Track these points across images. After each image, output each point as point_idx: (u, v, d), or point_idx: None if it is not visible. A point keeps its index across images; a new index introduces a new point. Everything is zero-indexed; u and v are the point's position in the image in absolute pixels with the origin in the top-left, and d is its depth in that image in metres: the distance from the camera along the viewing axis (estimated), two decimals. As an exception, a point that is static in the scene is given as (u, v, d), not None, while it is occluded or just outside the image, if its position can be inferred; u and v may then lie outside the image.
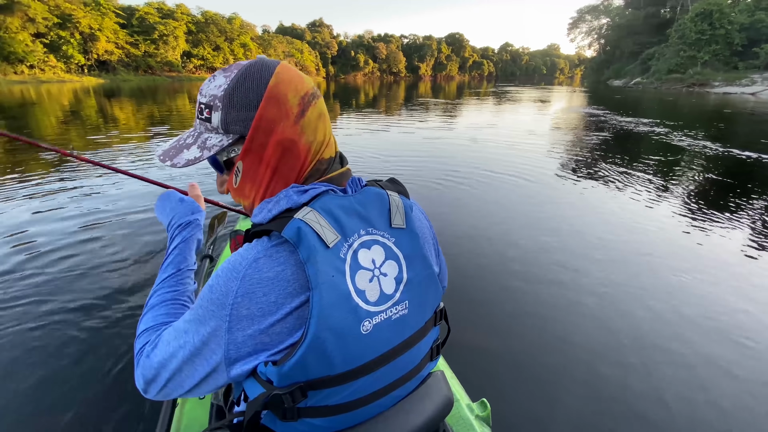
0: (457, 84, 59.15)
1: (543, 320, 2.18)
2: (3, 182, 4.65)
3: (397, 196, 0.59)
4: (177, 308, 0.63)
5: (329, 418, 0.54)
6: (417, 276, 0.57)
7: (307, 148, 0.55)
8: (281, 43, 65.44)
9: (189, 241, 0.71)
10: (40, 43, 32.90)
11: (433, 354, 0.64)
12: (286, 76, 0.54)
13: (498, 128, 10.70)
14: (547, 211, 4.05)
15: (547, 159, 6.75)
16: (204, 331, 0.49)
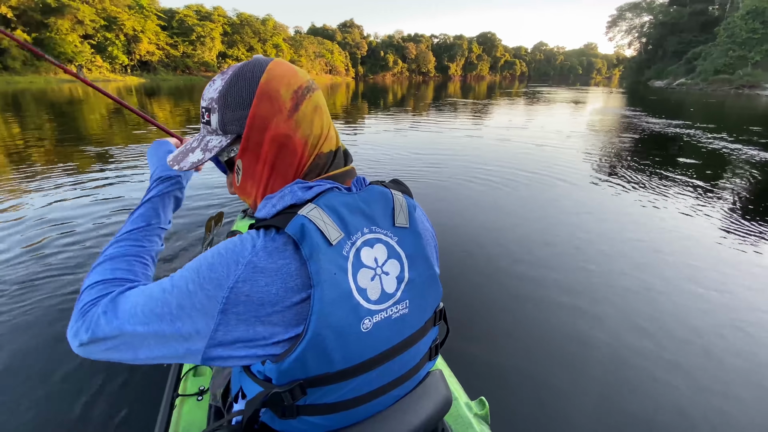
0: (488, 84, 58.11)
1: (542, 320, 2.19)
2: (52, 172, 4.96)
3: (401, 195, 0.59)
4: (138, 266, 0.59)
5: (328, 416, 0.53)
6: (418, 276, 0.57)
7: (303, 142, 0.55)
8: (312, 43, 66.42)
9: (165, 197, 0.68)
10: (88, 44, 34.87)
11: (432, 353, 0.64)
12: (278, 72, 0.54)
13: (528, 129, 10.41)
14: (565, 211, 3.97)
15: (577, 161, 6.50)
16: (191, 306, 0.46)
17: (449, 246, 3.11)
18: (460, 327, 2.05)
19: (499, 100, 22.17)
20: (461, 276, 2.67)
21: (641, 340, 2.03)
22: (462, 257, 2.97)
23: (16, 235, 3.18)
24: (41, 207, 3.82)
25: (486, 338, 2.03)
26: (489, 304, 2.35)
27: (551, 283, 2.58)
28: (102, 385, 1.64)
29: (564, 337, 2.03)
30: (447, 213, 3.96)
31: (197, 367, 1.20)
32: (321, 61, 67.90)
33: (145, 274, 0.59)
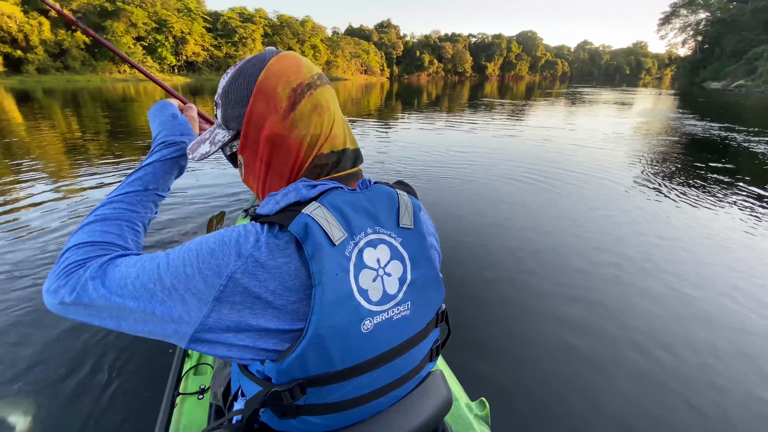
0: (527, 84, 56.42)
1: (543, 322, 2.18)
2: (102, 166, 5.26)
3: (406, 196, 0.58)
4: (129, 233, 0.57)
5: (328, 416, 0.53)
6: (421, 277, 0.57)
7: (298, 142, 0.53)
8: (349, 44, 67.14)
9: (166, 163, 0.65)
10: (140, 46, 37.05)
11: (433, 355, 0.64)
12: (277, 69, 0.53)
13: (566, 131, 9.98)
14: (586, 215, 3.88)
15: (616, 164, 6.17)
16: (186, 288, 0.45)
17: (457, 244, 3.13)
18: (462, 328, 2.07)
19: (537, 101, 21.42)
20: (466, 276, 2.67)
21: (649, 348, 1.99)
22: (466, 256, 2.96)
23: (69, 216, 3.51)
24: (93, 189, 4.25)
25: (488, 340, 2.03)
26: (492, 306, 2.35)
27: (557, 286, 2.55)
28: (103, 383, 1.64)
29: (566, 341, 2.02)
30: (457, 211, 3.95)
31: (198, 366, 1.20)
32: (357, 62, 68.52)
33: (136, 242, 0.57)
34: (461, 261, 2.91)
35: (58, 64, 31.89)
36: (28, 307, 2.22)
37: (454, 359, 1.48)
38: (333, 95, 0.58)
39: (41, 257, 2.80)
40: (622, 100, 24.31)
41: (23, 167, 5.26)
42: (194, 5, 42.92)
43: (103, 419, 1.47)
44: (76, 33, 32.37)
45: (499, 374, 1.78)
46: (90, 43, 33.22)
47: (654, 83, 77.54)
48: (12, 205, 3.85)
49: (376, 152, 6.87)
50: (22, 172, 4.99)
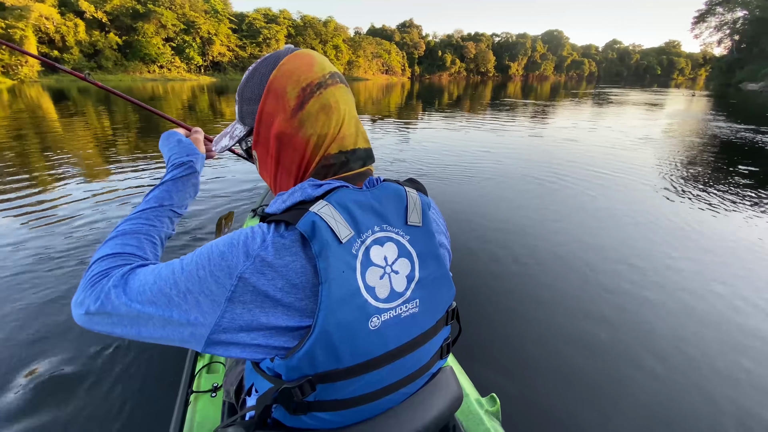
0: (551, 84, 55.22)
1: (556, 320, 2.17)
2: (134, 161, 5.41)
3: (415, 193, 0.57)
4: (148, 245, 0.60)
5: (338, 412, 0.53)
6: (430, 275, 0.57)
7: (305, 141, 0.55)
8: (370, 44, 67.28)
9: (179, 181, 0.69)
10: (169, 47, 38.18)
11: (443, 352, 0.64)
12: (288, 68, 0.54)
13: (593, 132, 9.66)
14: (597, 216, 3.83)
15: (645, 169, 5.92)
16: (200, 291, 0.47)
17: (473, 241, 3.18)
18: (473, 324, 2.08)
19: (562, 102, 20.89)
20: (480, 272, 2.68)
21: (665, 354, 1.96)
22: (481, 253, 2.97)
23: (100, 207, 3.74)
24: (121, 182, 4.50)
25: (499, 336, 2.03)
26: (505, 303, 2.35)
27: (572, 286, 2.54)
28: (119, 383, 1.66)
29: (579, 340, 2.01)
30: (473, 209, 3.95)
31: (211, 365, 1.22)
32: (378, 62, 68.60)
33: (154, 254, 0.61)
34: (476, 258, 2.91)
35: (92, 64, 33.22)
36: (50, 302, 2.25)
37: (464, 355, 1.49)
38: (345, 95, 0.58)
39: (68, 248, 2.89)
40: (652, 101, 23.43)
41: (58, 161, 5.55)
42: (221, 7, 43.92)
43: (120, 417, 1.50)
44: (109, 34, 33.66)
45: (510, 370, 1.78)
46: (122, 44, 34.50)
47: (687, 84, 74.32)
48: (45, 195, 4.06)
49: (396, 151, 6.83)
50: (56, 166, 5.26)
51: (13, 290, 2.38)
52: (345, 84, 0.59)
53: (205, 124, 10.03)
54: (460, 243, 3.16)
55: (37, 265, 2.66)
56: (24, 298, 2.29)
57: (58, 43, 30.90)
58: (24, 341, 1.93)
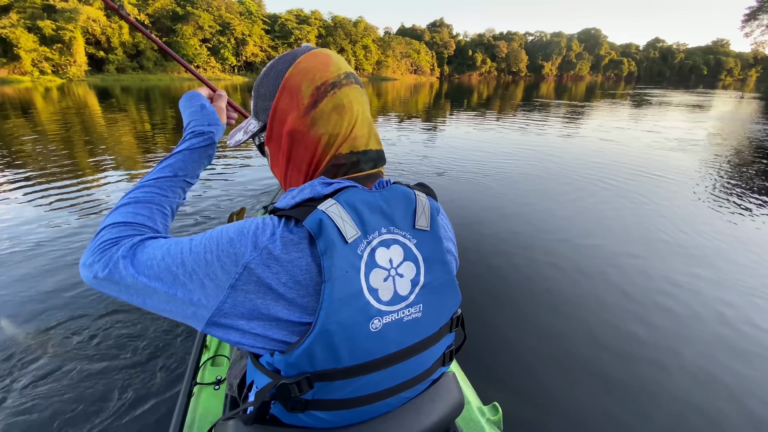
0: (587, 85, 53.25)
1: (564, 330, 2.11)
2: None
3: (424, 197, 0.57)
4: (159, 216, 0.60)
5: (335, 412, 0.53)
6: (435, 280, 0.56)
7: (316, 140, 0.55)
8: (400, 44, 67.19)
9: (195, 151, 0.67)
10: (205, 47, 39.56)
11: (446, 359, 0.63)
12: (304, 66, 0.55)
13: (631, 134, 9.17)
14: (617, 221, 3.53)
15: (687, 175, 5.54)
16: (205, 274, 0.48)
17: (483, 245, 3.11)
18: (478, 331, 2.05)
19: (598, 103, 20.05)
20: (488, 279, 2.61)
21: (682, 367, 1.88)
22: (493, 258, 2.90)
23: None
24: None
25: (504, 345, 1.98)
26: (512, 311, 2.28)
27: (583, 295, 2.45)
28: (122, 371, 1.68)
29: (584, 352, 1.95)
30: (483, 211, 3.86)
31: (215, 358, 1.24)
32: (407, 61, 68.40)
33: (164, 225, 0.60)
34: (486, 263, 2.83)
35: (134, 64, 34.91)
36: (74, 291, 2.29)
37: (468, 362, 1.49)
38: (359, 95, 0.57)
39: None
40: (697, 102, 22.10)
41: (99, 152, 5.96)
42: (255, 8, 45.12)
43: (123, 406, 1.52)
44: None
45: (515, 380, 1.75)
46: (162, 44, 36.00)
47: (736, 85, 69.60)
48: (88, 185, 4.31)
49: (421, 150, 6.71)
50: (98, 157, 5.63)
51: (30, 270, 2.49)
52: (360, 85, 0.58)
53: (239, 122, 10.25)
54: (471, 246, 3.06)
55: (59, 243, 2.82)
56: (39, 280, 2.38)
57: (104, 44, 32.65)
58: (38, 325, 1.97)
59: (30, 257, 2.67)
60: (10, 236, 2.98)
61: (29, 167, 4.99)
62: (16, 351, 1.79)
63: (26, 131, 7.73)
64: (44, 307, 2.13)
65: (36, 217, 3.38)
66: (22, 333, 1.92)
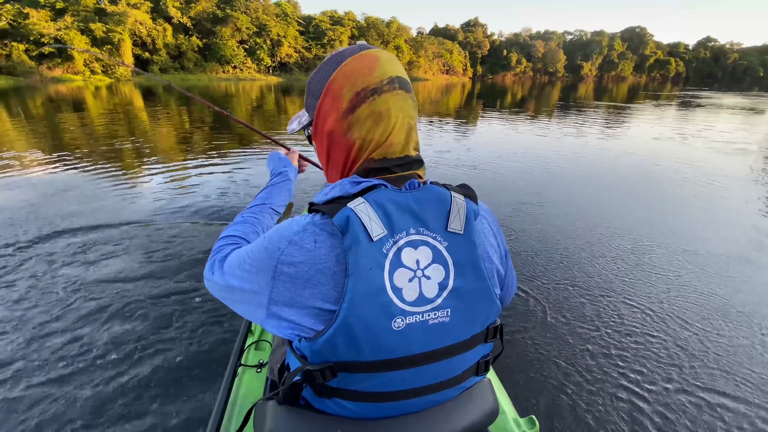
0: (629, 86, 50.73)
1: (610, 346, 2.01)
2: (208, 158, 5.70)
3: (461, 199, 0.56)
4: (251, 232, 0.74)
5: (360, 403, 0.55)
6: (466, 286, 0.55)
7: (351, 144, 0.57)
8: (432, 44, 66.58)
9: (277, 186, 0.88)
10: (242, 49, 40.77)
11: (481, 369, 0.62)
12: (348, 70, 0.56)
13: (679, 138, 8.58)
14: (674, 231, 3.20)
15: (740, 182, 5.12)
16: (258, 268, 0.54)
17: (527, 250, 3.02)
18: (519, 341, 2.00)
19: (643, 104, 19.00)
20: (534, 287, 2.52)
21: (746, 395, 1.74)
22: (539, 266, 2.79)
23: (169, 186, 4.39)
24: (194, 168, 5.10)
25: (546, 358, 1.91)
26: (558, 322, 2.18)
27: (634, 311, 2.31)
28: (177, 351, 1.86)
29: (633, 370, 1.85)
30: (526, 213, 3.78)
31: (259, 342, 1.33)
32: (439, 62, 67.69)
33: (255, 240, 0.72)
34: (530, 269, 2.75)
35: (176, 64, 36.48)
36: (122, 281, 2.44)
37: (506, 372, 1.52)
38: (401, 101, 0.57)
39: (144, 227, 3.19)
40: (752, 105, 20.49)
41: (142, 145, 6.58)
42: (290, 10, 46.06)
43: (175, 381, 1.69)
44: (192, 37, 36.70)
45: (554, 395, 1.69)
46: (202, 46, 37.46)
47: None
48: (129, 173, 4.80)
49: (456, 150, 6.51)
50: (141, 149, 6.13)
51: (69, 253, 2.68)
52: (406, 90, 0.58)
53: (269, 119, 10.45)
54: (513, 251, 2.96)
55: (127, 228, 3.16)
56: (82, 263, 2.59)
57: (149, 45, 34.31)
58: (94, 312, 2.14)
59: (92, 238, 3.01)
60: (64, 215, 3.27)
61: (83, 154, 5.42)
62: (78, 328, 2.01)
63: (84, 124, 8.21)
64: (100, 289, 2.35)
65: (88, 197, 3.89)
66: (82, 315, 2.12)
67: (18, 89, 20.24)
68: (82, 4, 29.81)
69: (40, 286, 2.35)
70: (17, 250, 2.78)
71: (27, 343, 1.89)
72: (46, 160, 5.33)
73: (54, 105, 12.98)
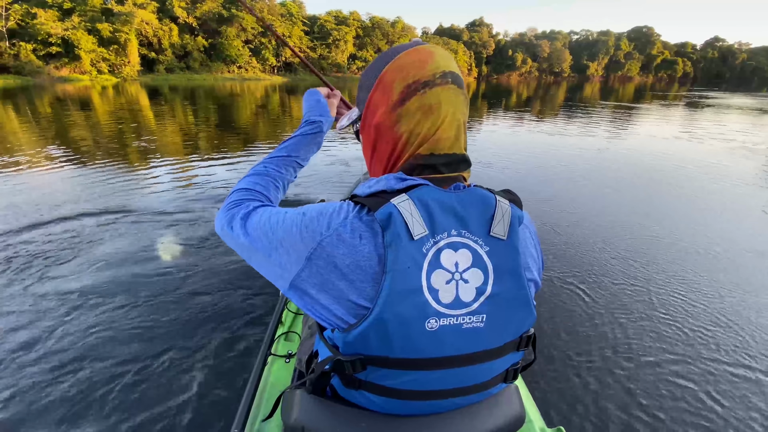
0: (636, 86, 50.38)
1: (645, 359, 1.91)
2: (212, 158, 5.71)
3: (506, 203, 0.54)
4: (272, 188, 0.72)
5: (386, 398, 0.55)
6: (504, 293, 0.53)
7: (398, 136, 0.56)
8: (437, 44, 66.29)
9: (307, 137, 0.80)
10: (247, 49, 40.92)
11: (510, 377, 0.61)
12: (401, 63, 0.56)
13: (688, 138, 8.44)
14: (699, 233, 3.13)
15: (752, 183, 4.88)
16: (290, 244, 0.53)
17: (556, 259, 2.89)
18: (549, 350, 1.95)
19: (649, 105, 18.82)
20: (566, 297, 2.42)
21: None
22: (565, 277, 2.66)
23: (175, 182, 4.43)
24: (200, 168, 5.04)
25: (576, 369, 1.84)
26: (591, 335, 2.09)
27: (670, 326, 2.18)
28: (210, 338, 1.93)
29: (667, 386, 1.76)
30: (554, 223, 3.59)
31: (288, 334, 1.38)
32: (444, 62, 67.29)
33: (276, 196, 0.72)
34: (562, 279, 2.61)
35: (181, 64, 36.68)
36: (147, 273, 2.52)
37: (535, 381, 1.46)
38: (453, 96, 0.56)
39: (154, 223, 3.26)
40: (761, 106, 20.24)
41: (147, 143, 6.65)
42: (296, 10, 46.14)
43: (207, 367, 1.76)
44: (198, 37, 36.88)
45: (584, 407, 1.63)
46: (208, 46, 37.62)
47: (807, 87, 63.46)
48: (136, 175, 4.73)
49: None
50: (146, 147, 6.17)
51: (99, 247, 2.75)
52: (458, 85, 0.57)
53: (275, 122, 10.44)
54: (548, 258, 2.80)
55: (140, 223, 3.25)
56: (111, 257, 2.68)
57: (155, 45, 34.53)
58: (125, 303, 2.21)
59: (119, 232, 3.12)
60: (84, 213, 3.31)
61: (88, 152, 5.44)
62: (116, 314, 2.10)
63: (89, 122, 8.25)
64: (125, 284, 2.41)
65: (91, 194, 3.91)
66: (117, 302, 2.21)
67: (26, 88, 20.41)
68: (89, 4, 30.06)
69: (75, 269, 2.51)
70: (62, 220, 3.20)
71: (77, 322, 2.03)
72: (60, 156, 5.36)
73: (62, 104, 13.05)
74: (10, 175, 4.58)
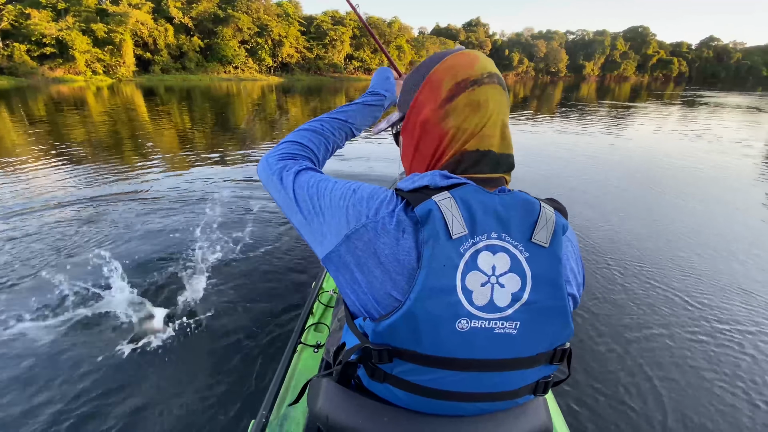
0: (632, 86, 50.56)
1: (678, 376, 1.85)
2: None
3: (551, 210, 0.53)
4: (324, 148, 0.73)
5: (410, 394, 0.55)
6: (541, 302, 0.52)
7: (444, 132, 0.57)
8: (434, 44, 66.38)
9: (368, 107, 0.81)
10: (243, 49, 40.77)
11: (539, 389, 0.59)
12: (450, 63, 0.58)
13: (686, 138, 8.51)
14: None
15: None
16: (332, 216, 0.54)
17: (596, 271, 2.78)
18: (579, 361, 1.90)
19: (645, 104, 18.89)
20: (601, 312, 2.34)
21: None
22: (602, 284, 2.61)
23: (171, 180, 4.51)
24: (195, 167, 5.03)
25: (607, 383, 1.79)
26: (621, 346, 2.03)
27: (701, 341, 2.10)
28: (242, 327, 2.05)
29: (701, 406, 1.70)
30: None
31: (318, 325, 1.42)
32: (441, 62, 67.40)
33: (324, 159, 0.74)
34: (598, 288, 2.56)
35: (177, 65, 36.52)
36: (165, 266, 2.60)
37: (565, 394, 1.44)
38: (498, 96, 0.58)
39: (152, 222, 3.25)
40: (757, 105, 20.34)
41: (143, 144, 6.60)
42: (292, 10, 46.04)
43: (238, 353, 1.88)
44: (193, 38, 36.72)
45: (615, 425, 1.60)
46: (203, 46, 37.47)
47: (801, 86, 63.84)
48: (133, 176, 4.66)
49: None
50: (142, 148, 6.12)
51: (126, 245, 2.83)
52: (503, 87, 0.59)
53: (272, 123, 10.38)
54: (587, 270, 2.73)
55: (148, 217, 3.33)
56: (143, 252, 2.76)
57: (150, 46, 34.34)
58: (157, 297, 2.30)
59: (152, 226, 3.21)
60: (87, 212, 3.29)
61: (83, 154, 5.35)
62: (146, 314, 2.14)
63: (85, 124, 8.15)
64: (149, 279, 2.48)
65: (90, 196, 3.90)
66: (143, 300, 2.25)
67: (20, 89, 20.24)
68: (83, 4, 29.85)
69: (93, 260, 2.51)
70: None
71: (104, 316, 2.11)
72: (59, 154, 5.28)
73: (57, 105, 12.93)
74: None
